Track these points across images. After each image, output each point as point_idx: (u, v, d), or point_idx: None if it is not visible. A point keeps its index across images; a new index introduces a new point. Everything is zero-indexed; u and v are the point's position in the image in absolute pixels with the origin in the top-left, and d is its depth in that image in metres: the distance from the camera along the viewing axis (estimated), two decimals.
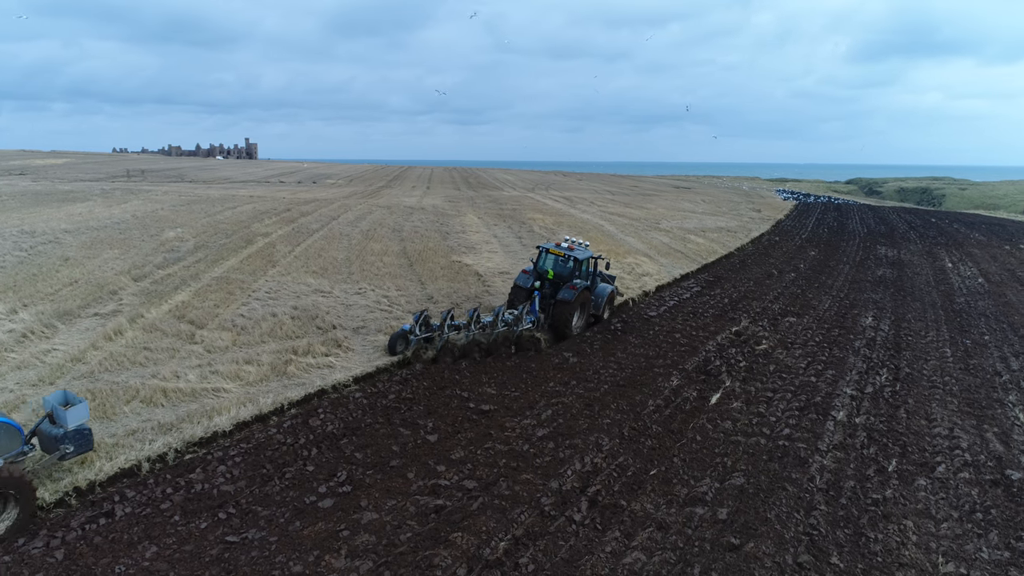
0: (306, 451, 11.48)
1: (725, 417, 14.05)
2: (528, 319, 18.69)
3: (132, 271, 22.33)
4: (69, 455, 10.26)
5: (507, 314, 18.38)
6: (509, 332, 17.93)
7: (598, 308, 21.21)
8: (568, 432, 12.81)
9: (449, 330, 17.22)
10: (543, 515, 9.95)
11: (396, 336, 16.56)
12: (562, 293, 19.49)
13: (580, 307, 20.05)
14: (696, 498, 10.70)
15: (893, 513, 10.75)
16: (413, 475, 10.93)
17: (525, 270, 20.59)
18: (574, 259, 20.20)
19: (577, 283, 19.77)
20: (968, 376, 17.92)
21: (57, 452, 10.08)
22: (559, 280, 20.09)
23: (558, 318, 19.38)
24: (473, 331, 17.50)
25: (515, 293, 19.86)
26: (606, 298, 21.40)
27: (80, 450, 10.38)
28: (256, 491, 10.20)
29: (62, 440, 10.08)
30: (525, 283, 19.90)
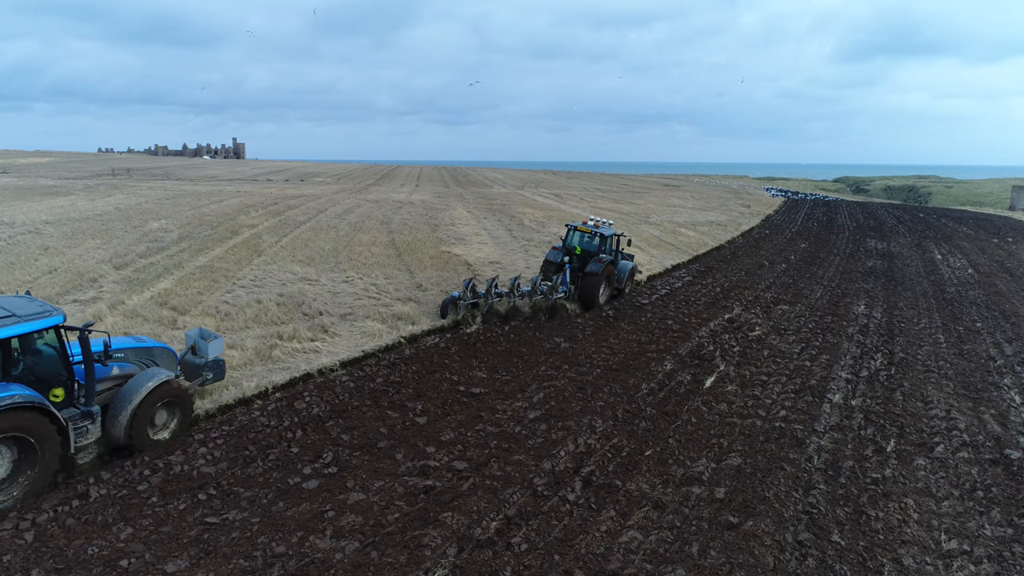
0: (291, 433, 11.10)
1: (720, 400, 13.81)
2: (561, 289, 20.52)
3: (114, 260, 21.82)
4: (208, 381, 12.08)
5: (543, 284, 20.10)
6: (544, 300, 19.81)
7: (621, 282, 22.79)
8: (561, 414, 12.51)
9: (493, 297, 18.86)
10: (536, 495, 9.64)
11: (447, 301, 18.46)
12: (590, 266, 21.17)
13: (606, 280, 21.68)
14: (692, 478, 10.43)
15: (893, 492, 10.53)
16: (401, 456, 10.59)
17: (555, 246, 22.65)
18: (600, 236, 21.96)
19: (603, 257, 21.49)
20: (962, 360, 17.80)
21: (199, 378, 11.81)
22: (586, 255, 21.86)
23: (586, 289, 21.07)
24: (514, 298, 19.26)
25: (546, 267, 21.70)
26: (628, 273, 23.05)
27: (217, 377, 12.23)
28: (238, 472, 9.82)
29: (203, 368, 11.92)
30: (555, 258, 21.77)
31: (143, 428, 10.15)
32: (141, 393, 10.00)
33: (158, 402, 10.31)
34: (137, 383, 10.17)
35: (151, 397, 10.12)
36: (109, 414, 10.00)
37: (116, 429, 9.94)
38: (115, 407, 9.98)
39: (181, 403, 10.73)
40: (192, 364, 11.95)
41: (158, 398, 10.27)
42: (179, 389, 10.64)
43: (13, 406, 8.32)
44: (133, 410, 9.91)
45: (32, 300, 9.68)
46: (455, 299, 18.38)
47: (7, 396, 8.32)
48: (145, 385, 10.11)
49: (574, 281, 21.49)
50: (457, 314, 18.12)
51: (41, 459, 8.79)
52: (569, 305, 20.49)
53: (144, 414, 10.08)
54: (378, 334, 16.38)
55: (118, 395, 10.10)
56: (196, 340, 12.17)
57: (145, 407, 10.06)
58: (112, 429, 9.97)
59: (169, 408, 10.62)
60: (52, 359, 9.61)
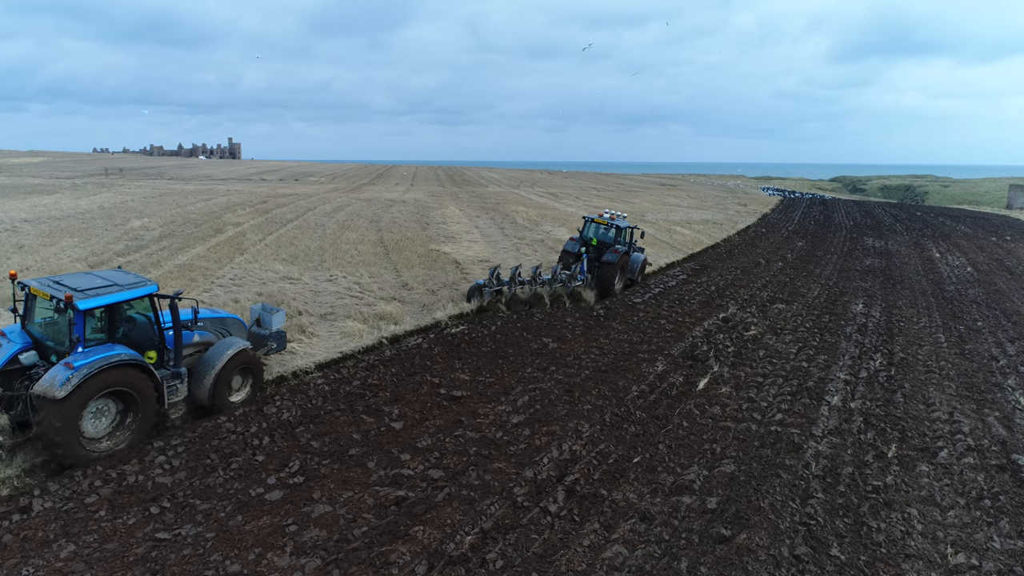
0: (257, 440, 10.45)
1: (713, 402, 13.20)
2: (579, 277, 21.57)
3: (89, 258, 21.13)
4: (273, 351, 13.34)
5: (562, 273, 21.12)
6: (564, 288, 20.83)
7: (633, 272, 24.07)
8: (545, 419, 11.88)
9: (516, 284, 19.77)
10: (515, 506, 9.01)
11: (473, 288, 19.38)
12: (607, 256, 22.41)
13: (620, 269, 22.78)
14: (683, 486, 9.81)
15: (895, 501, 9.93)
16: (373, 464, 9.95)
17: (572, 237, 23.83)
18: (616, 227, 23.10)
19: (619, 248, 22.64)
20: (964, 361, 17.23)
21: (264, 348, 13.06)
22: (602, 246, 23.15)
23: (603, 278, 22.30)
24: (535, 286, 20.21)
25: (564, 257, 22.88)
26: (640, 264, 24.36)
27: (280, 347, 13.56)
28: (196, 483, 9.17)
29: (268, 339, 13.14)
30: (573, 248, 22.91)
31: (223, 391, 11.29)
32: (223, 359, 11.11)
33: (236, 368, 11.42)
34: (219, 350, 11.29)
35: (231, 363, 11.23)
36: (194, 377, 11.08)
37: (200, 391, 11.05)
38: (200, 371, 11.10)
39: (254, 370, 11.90)
40: (258, 335, 13.09)
41: (236, 364, 11.39)
42: (253, 357, 11.85)
43: (120, 363, 9.49)
44: (216, 374, 11.01)
45: (127, 273, 10.90)
46: (480, 286, 19.30)
47: (115, 354, 9.51)
48: (226, 352, 11.21)
49: (591, 270, 22.62)
50: (483, 300, 19.02)
51: (141, 412, 9.97)
52: (586, 292, 21.61)
53: (224, 378, 11.18)
54: (358, 334, 15.73)
55: (202, 360, 11.22)
56: (260, 313, 13.41)
57: (225, 372, 11.18)
58: (197, 391, 11.08)
59: (243, 374, 11.76)
60: (145, 325, 10.67)
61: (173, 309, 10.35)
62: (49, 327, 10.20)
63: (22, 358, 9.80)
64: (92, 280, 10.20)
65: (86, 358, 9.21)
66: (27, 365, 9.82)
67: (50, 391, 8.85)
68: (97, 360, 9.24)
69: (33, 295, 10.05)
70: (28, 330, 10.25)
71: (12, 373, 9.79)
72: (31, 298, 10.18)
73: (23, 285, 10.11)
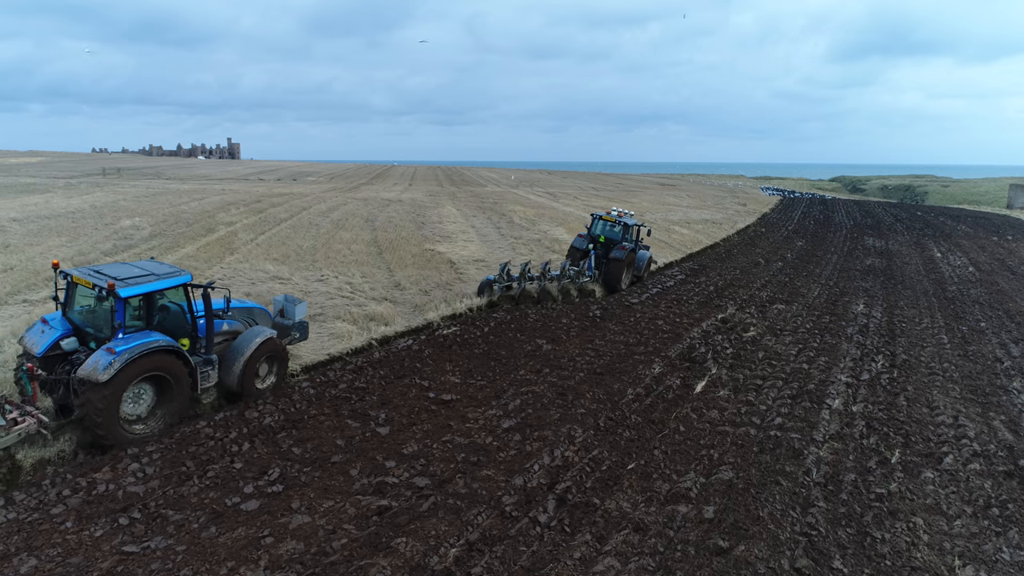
0: (236, 446, 10.05)
1: (711, 406, 12.81)
2: (588, 273, 22.05)
3: (75, 258, 20.72)
4: (296, 340, 13.61)
5: (571, 269, 21.65)
6: (572, 284, 21.26)
7: (640, 269, 24.44)
8: (537, 423, 11.49)
9: (525, 280, 20.18)
10: (503, 516, 8.62)
11: (484, 283, 19.93)
12: (614, 253, 22.80)
13: (627, 266, 23.16)
14: (679, 495, 9.42)
15: (900, 509, 9.55)
16: (357, 472, 9.55)
17: (580, 234, 24.25)
18: (624, 225, 23.61)
19: (626, 245, 23.07)
20: (968, 363, 16.85)
21: (288, 337, 13.25)
22: (609, 243, 23.48)
23: (610, 274, 22.68)
24: (544, 281, 20.59)
25: (572, 253, 23.43)
26: (646, 261, 24.86)
27: (302, 337, 13.84)
28: (170, 492, 8.76)
29: (292, 329, 13.44)
30: (581, 245, 23.47)
31: (251, 377, 11.60)
32: (252, 347, 11.43)
33: (263, 356, 11.75)
34: (247, 338, 11.61)
35: (259, 351, 11.55)
36: (224, 364, 11.40)
37: (230, 378, 11.36)
38: (229, 358, 11.41)
39: (279, 358, 12.23)
40: (281, 325, 13.32)
41: (263, 352, 11.71)
42: (279, 345, 12.19)
43: (158, 349, 9.85)
44: (245, 361, 11.33)
45: (161, 263, 11.19)
46: (491, 281, 19.80)
47: (153, 340, 9.86)
48: (254, 340, 11.53)
49: (598, 266, 23.01)
50: (493, 295, 19.46)
51: (176, 396, 10.35)
52: (595, 287, 22.12)
53: (252, 365, 11.50)
54: (347, 336, 15.33)
55: (231, 348, 11.54)
56: (284, 304, 13.72)
57: (253, 359, 11.49)
58: (226, 378, 11.39)
59: (269, 362, 12.06)
60: (178, 314, 11.02)
61: (206, 298, 10.82)
62: (88, 314, 10.59)
63: (63, 344, 10.16)
64: (131, 270, 10.55)
65: (126, 344, 9.59)
66: (68, 351, 10.20)
67: (93, 375, 9.23)
68: (137, 346, 9.64)
69: (75, 283, 10.38)
70: (68, 317, 10.58)
71: (54, 358, 10.17)
72: (72, 286, 10.50)
73: (66, 274, 10.44)
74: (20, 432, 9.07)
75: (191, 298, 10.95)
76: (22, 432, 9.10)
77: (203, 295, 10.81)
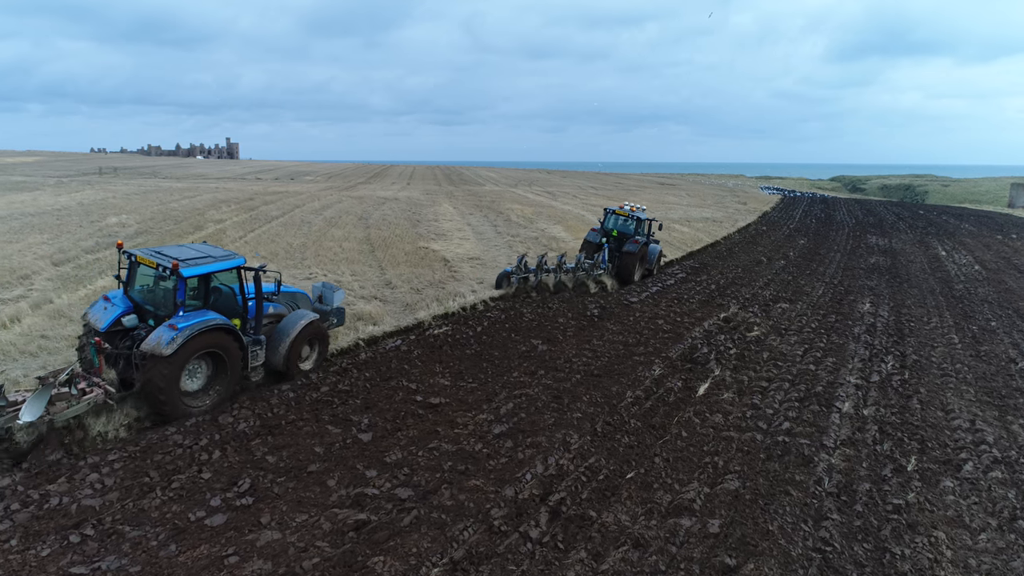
0: (206, 454, 9.34)
1: (715, 410, 12.13)
2: (603, 265, 22.65)
3: (55, 256, 20.01)
4: (333, 325, 14.14)
5: (585, 262, 22.14)
6: (586, 276, 21.81)
7: (651, 263, 24.92)
8: (530, 429, 10.79)
9: (542, 272, 20.69)
10: (492, 531, 7.93)
11: (501, 275, 20.36)
12: (627, 246, 23.32)
13: (639, 260, 23.62)
14: (682, 507, 8.74)
15: (920, 522, 8.87)
16: (334, 482, 8.86)
17: (594, 228, 24.67)
18: (637, 219, 24.13)
19: (639, 239, 23.57)
20: (981, 363, 16.19)
21: (327, 323, 13.64)
22: (622, 237, 24.03)
23: (623, 267, 23.26)
24: (560, 273, 21.14)
25: (586, 246, 23.80)
26: (657, 255, 25.24)
27: (339, 323, 14.44)
28: (129, 505, 8.06)
29: (331, 314, 13.97)
30: (595, 238, 23.86)
31: (296, 358, 12.20)
32: (296, 329, 12.03)
33: (306, 337, 12.36)
34: (292, 320, 12.21)
35: (303, 333, 12.13)
36: (270, 345, 11.94)
37: (276, 358, 11.93)
38: (276, 339, 11.99)
39: (320, 340, 12.91)
40: (320, 310, 13.79)
41: (307, 334, 12.31)
42: (321, 328, 12.85)
43: (215, 326, 10.36)
44: (291, 342, 11.92)
45: (215, 247, 11.67)
46: (508, 273, 20.22)
47: (211, 318, 10.38)
48: (299, 322, 12.11)
49: (611, 260, 23.49)
50: (510, 287, 19.95)
51: (229, 373, 10.90)
52: (608, 280, 22.55)
53: (297, 346, 12.11)
54: (332, 335, 14.60)
55: (277, 330, 12.12)
56: (322, 290, 14.31)
57: (298, 340, 12.10)
58: (272, 357, 11.93)
59: (311, 344, 12.70)
60: (229, 295, 11.47)
61: (257, 281, 11.38)
62: (148, 293, 11.06)
63: (125, 321, 10.67)
64: (190, 251, 11.01)
65: (187, 320, 10.09)
66: (129, 327, 10.73)
67: (157, 349, 9.74)
68: (197, 323, 10.13)
69: (138, 263, 10.86)
70: (129, 295, 11.07)
71: (115, 334, 10.69)
72: (135, 266, 10.98)
73: (130, 254, 10.97)
74: (89, 401, 9.57)
75: (243, 280, 11.42)
76: (91, 401, 9.59)
77: (255, 277, 11.37)
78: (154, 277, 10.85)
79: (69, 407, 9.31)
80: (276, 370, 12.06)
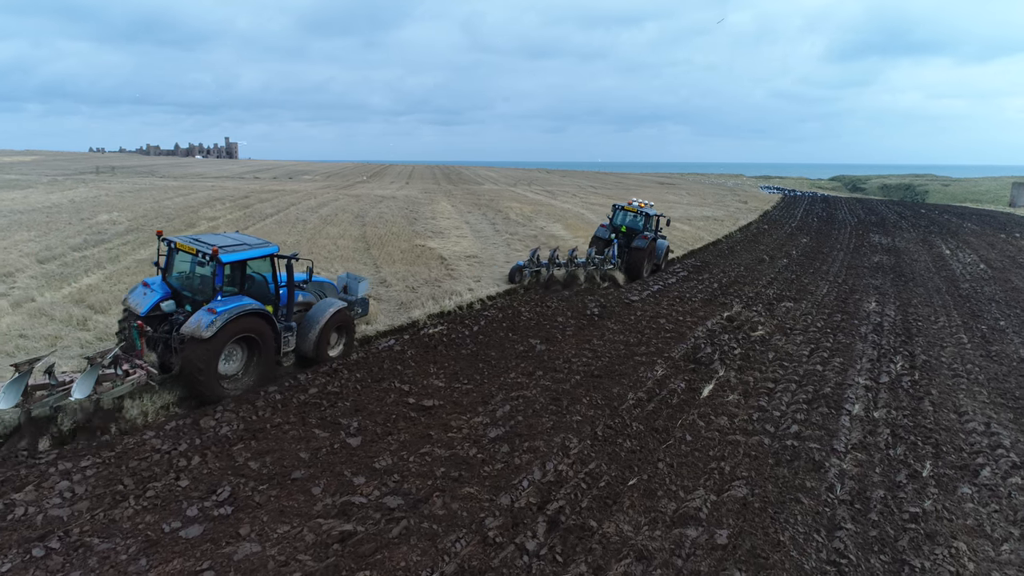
0: (185, 460, 8.85)
1: (720, 412, 11.65)
2: (613, 260, 22.93)
3: (41, 253, 19.49)
4: (358, 316, 14.34)
5: (596, 257, 22.46)
6: (597, 270, 22.07)
7: (659, 258, 25.34)
8: (528, 432, 10.31)
9: (554, 266, 21.27)
10: (486, 543, 7.45)
11: (514, 269, 20.96)
12: (637, 242, 23.70)
13: (648, 255, 23.91)
14: (687, 516, 8.26)
15: (938, 531, 8.39)
16: (320, 490, 8.37)
17: (603, 224, 25.17)
18: (645, 215, 24.50)
19: (648, 234, 23.95)
20: (992, 364, 15.72)
21: (352, 312, 13.73)
22: (631, 232, 24.37)
23: (633, 262, 23.66)
24: (571, 268, 21.49)
25: (595, 242, 24.14)
26: (664, 251, 25.80)
27: (363, 313, 14.74)
28: (100, 516, 7.56)
29: (356, 304, 14.23)
30: (604, 234, 24.35)
31: (324, 345, 12.51)
32: (326, 316, 12.33)
33: (335, 325, 12.64)
34: (321, 308, 12.49)
35: (331, 320, 12.43)
36: (300, 332, 12.28)
37: (306, 344, 12.27)
38: (306, 326, 12.32)
39: (347, 328, 13.21)
40: (345, 300, 13.85)
41: (335, 322, 12.60)
42: (348, 317, 13.17)
43: (252, 311, 10.64)
44: (321, 329, 12.24)
45: (246, 236, 11.92)
46: (521, 267, 20.87)
47: (248, 304, 10.64)
48: (328, 310, 12.43)
49: (620, 255, 23.78)
50: (523, 280, 20.59)
51: (264, 357, 11.22)
52: (619, 275, 22.96)
53: (326, 334, 12.45)
54: None
55: (307, 317, 12.42)
56: (347, 280, 14.62)
57: (327, 328, 12.40)
58: (302, 344, 12.29)
59: (339, 331, 13.01)
60: (261, 283, 11.79)
61: (289, 269, 11.70)
62: (186, 279, 11.41)
63: (163, 306, 10.95)
64: (225, 239, 11.33)
65: (226, 305, 10.36)
66: (167, 312, 11.02)
67: (197, 332, 10.02)
68: (235, 307, 10.40)
69: (176, 250, 11.18)
70: (167, 281, 11.38)
71: (153, 319, 10.94)
72: (173, 253, 11.32)
73: (169, 241, 11.30)
74: (132, 382, 9.94)
75: (276, 268, 11.74)
76: (134, 383, 9.97)
77: (287, 265, 11.66)
78: (191, 263, 11.28)
79: (114, 387, 9.70)
80: (306, 356, 12.38)
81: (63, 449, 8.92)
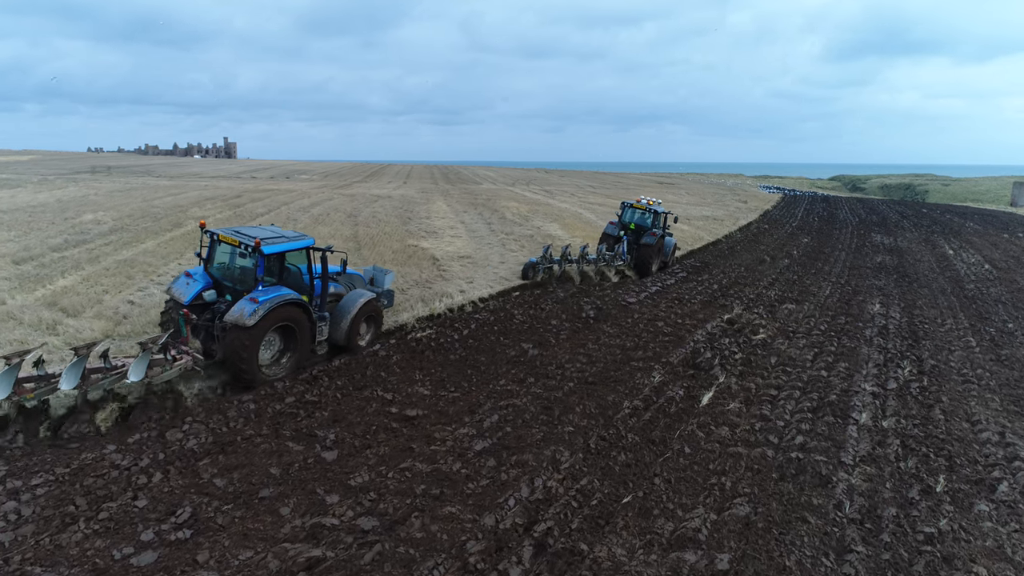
0: (144, 477, 8.22)
1: (720, 422, 11.04)
2: (623, 257, 23.52)
3: (18, 253, 18.86)
4: (384, 307, 14.48)
5: (606, 253, 23.08)
6: (607, 267, 22.75)
7: (666, 255, 25.60)
8: (516, 445, 9.69)
9: (566, 262, 21.61)
10: (466, 570, 6.83)
11: (527, 265, 21.35)
12: (645, 239, 24.15)
13: (656, 252, 24.26)
14: (685, 537, 7.64)
15: (956, 555, 7.78)
16: (289, 511, 7.75)
17: (612, 221, 25.70)
18: (654, 212, 25.04)
19: (656, 231, 24.46)
20: (1003, 369, 15.13)
21: (379, 304, 13.96)
22: (640, 230, 24.85)
23: (642, 259, 24.00)
24: (582, 264, 21.95)
25: (605, 239, 24.73)
26: (672, 248, 26.08)
27: (388, 304, 14.86)
28: (45, 541, 6.94)
29: (382, 296, 14.39)
30: (613, 231, 24.87)
31: (355, 334, 12.94)
32: (357, 306, 12.77)
33: (365, 315, 13.05)
34: (352, 298, 12.95)
35: (362, 311, 12.86)
36: (332, 322, 12.59)
37: (338, 333, 12.63)
38: (338, 316, 12.68)
39: (376, 319, 13.72)
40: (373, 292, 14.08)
41: (365, 312, 13.03)
42: (378, 308, 13.65)
43: (291, 301, 11.06)
44: (352, 318, 12.64)
45: (281, 229, 12.33)
46: (534, 263, 21.17)
47: (287, 294, 11.06)
48: (359, 301, 12.88)
49: (629, 252, 24.09)
50: (537, 276, 20.86)
51: (299, 345, 11.60)
52: (627, 270, 23.49)
53: (357, 323, 12.83)
54: None
55: (339, 307, 12.81)
56: (373, 273, 14.99)
57: (358, 317, 12.81)
58: (334, 333, 12.62)
59: (368, 322, 13.46)
60: (296, 274, 12.16)
61: (323, 261, 12.07)
62: (226, 270, 11.78)
63: (205, 295, 11.34)
64: (264, 232, 11.80)
65: (267, 294, 10.76)
66: (209, 301, 11.40)
67: (241, 319, 10.46)
68: (275, 297, 10.82)
69: (219, 241, 11.60)
70: (209, 272, 11.75)
71: (195, 308, 11.26)
72: (215, 244, 11.71)
73: (212, 233, 11.68)
74: (180, 368, 10.29)
75: (311, 260, 12.07)
76: (181, 368, 10.31)
77: (321, 258, 12.04)
78: (231, 254, 11.68)
79: (164, 372, 10.06)
80: (337, 344, 12.71)
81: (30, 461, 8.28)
